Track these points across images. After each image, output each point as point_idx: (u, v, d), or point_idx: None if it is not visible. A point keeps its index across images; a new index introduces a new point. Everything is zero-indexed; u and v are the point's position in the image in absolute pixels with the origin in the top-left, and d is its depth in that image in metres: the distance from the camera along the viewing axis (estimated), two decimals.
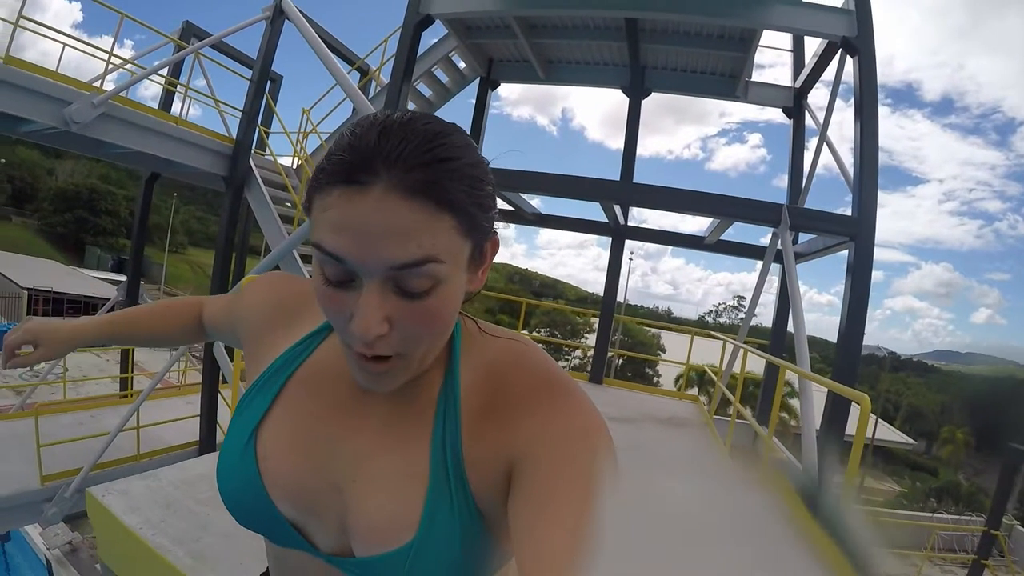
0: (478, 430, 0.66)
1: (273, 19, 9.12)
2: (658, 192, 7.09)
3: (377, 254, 0.55)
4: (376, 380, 0.63)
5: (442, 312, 0.60)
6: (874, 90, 6.09)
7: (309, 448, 0.71)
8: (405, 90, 8.12)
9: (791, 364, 5.03)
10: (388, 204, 0.54)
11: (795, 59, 9.02)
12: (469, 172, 0.58)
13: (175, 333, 1.09)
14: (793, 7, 6.67)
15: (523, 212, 9.64)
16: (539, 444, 0.61)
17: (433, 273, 0.57)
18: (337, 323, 0.61)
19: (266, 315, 0.84)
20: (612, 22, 8.45)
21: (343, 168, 0.55)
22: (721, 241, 9.22)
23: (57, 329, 1.07)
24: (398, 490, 0.66)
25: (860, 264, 5.91)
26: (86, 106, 7.00)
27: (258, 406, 0.75)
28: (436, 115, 0.62)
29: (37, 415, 7.10)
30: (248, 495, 0.72)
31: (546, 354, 0.73)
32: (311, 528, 0.72)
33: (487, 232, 0.63)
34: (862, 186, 5.96)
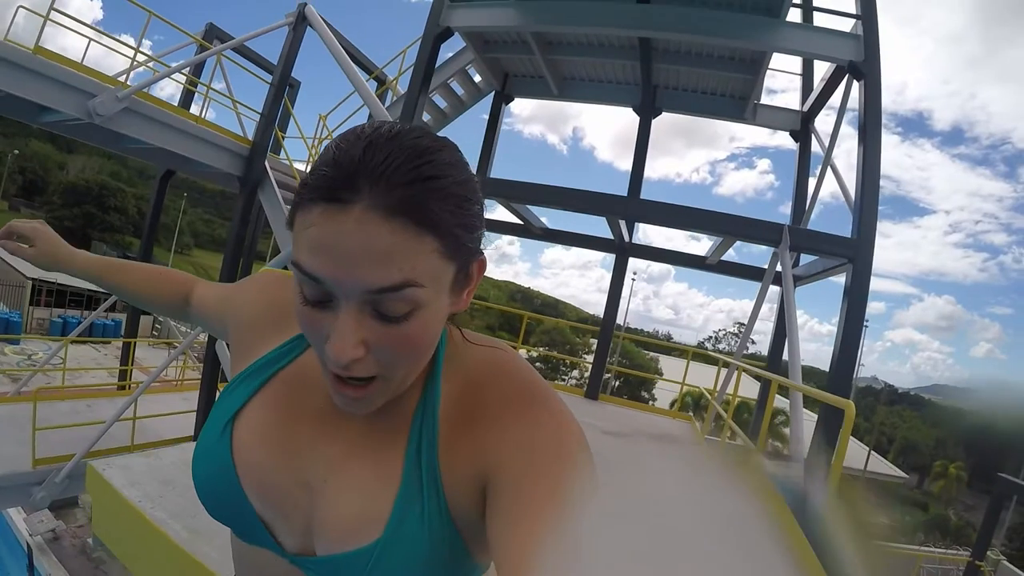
0: (455, 440, 0.66)
1: (296, 25, 9.32)
2: (662, 209, 7.23)
3: (355, 277, 0.54)
4: (352, 404, 0.63)
5: (421, 337, 0.60)
6: (878, 114, 6.25)
7: (284, 445, 0.71)
8: (422, 101, 8.30)
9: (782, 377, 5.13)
10: (368, 225, 0.53)
11: (803, 83, 9.18)
12: (455, 191, 0.57)
13: (159, 302, 1.08)
14: (802, 31, 6.89)
15: (531, 226, 9.78)
16: (510, 455, 0.61)
17: (412, 297, 0.56)
18: (314, 343, 0.61)
19: (260, 311, 0.83)
20: (626, 41, 8.64)
21: (325, 184, 0.54)
22: (723, 262, 9.36)
23: (57, 245, 1.11)
24: (368, 491, 0.66)
25: (857, 286, 6.02)
26: (110, 99, 7.15)
27: (239, 396, 0.75)
28: (427, 129, 0.62)
29: (36, 400, 7.18)
30: (220, 482, 0.72)
31: (526, 363, 0.73)
32: (277, 526, 0.72)
33: (473, 253, 0.62)
34: (863, 209, 6.08)
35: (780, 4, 6.52)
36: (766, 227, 6.67)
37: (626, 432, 6.81)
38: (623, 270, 9.54)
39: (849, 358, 6.09)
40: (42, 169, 51.77)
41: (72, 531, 9.60)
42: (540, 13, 7.53)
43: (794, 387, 4.92)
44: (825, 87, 7.91)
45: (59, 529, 9.34)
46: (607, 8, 7.24)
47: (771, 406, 4.90)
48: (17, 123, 32.29)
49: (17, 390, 9.58)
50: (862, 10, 6.45)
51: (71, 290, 27.58)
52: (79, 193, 48.27)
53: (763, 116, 9.35)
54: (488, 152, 10.73)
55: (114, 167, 53.63)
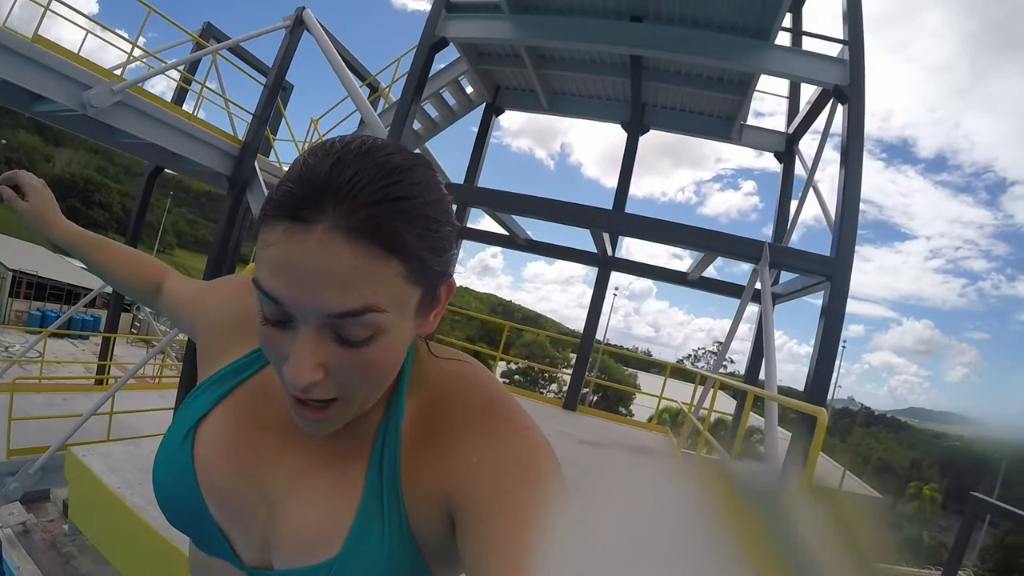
0: (418, 458, 0.65)
1: (293, 28, 9.38)
2: (646, 223, 7.35)
3: (314, 300, 0.53)
4: (311, 425, 0.61)
5: (383, 361, 0.58)
6: (861, 137, 6.42)
7: (246, 457, 0.70)
8: (414, 109, 8.39)
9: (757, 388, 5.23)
10: (330, 247, 0.51)
11: (790, 106, 9.39)
12: (424, 212, 0.56)
13: (130, 283, 1.06)
14: (790, 54, 7.09)
15: (516, 237, 9.85)
16: (478, 476, 0.60)
17: (373, 323, 0.55)
18: (274, 362, 0.60)
19: (229, 317, 0.81)
20: (617, 58, 8.82)
21: (288, 202, 0.53)
22: (703, 278, 9.48)
23: (50, 208, 1.10)
24: (328, 507, 0.65)
25: (835, 304, 6.14)
26: (105, 92, 7.17)
27: (203, 403, 0.74)
28: (401, 146, 0.60)
29: (13, 391, 7.12)
30: (180, 489, 0.70)
31: (489, 375, 0.72)
32: (235, 537, 0.70)
33: (441, 276, 0.61)
34: (842, 228, 6.23)
35: (769, 27, 6.71)
36: (747, 244, 6.79)
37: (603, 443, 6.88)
38: (605, 284, 9.61)
39: (825, 375, 6.19)
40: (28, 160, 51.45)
41: (43, 525, 9.48)
42: (535, 27, 7.67)
43: (769, 396, 5.02)
44: (811, 110, 8.10)
45: (30, 523, 9.22)
46: (600, 25, 7.39)
47: (747, 416, 5.00)
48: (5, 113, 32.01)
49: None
50: (849, 36, 6.64)
51: (51, 283, 27.44)
52: (64, 186, 48.04)
53: (749, 137, 9.56)
54: (476, 163, 10.85)
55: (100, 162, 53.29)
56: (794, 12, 8.71)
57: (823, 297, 6.37)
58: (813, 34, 7.54)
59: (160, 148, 8.45)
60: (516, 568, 0.50)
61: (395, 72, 10.76)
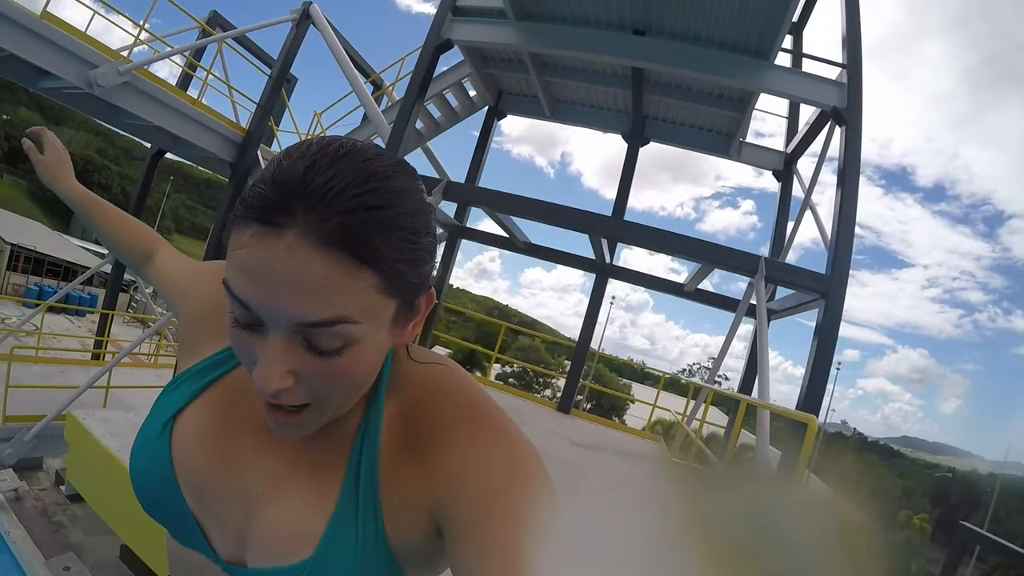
0: (397, 463, 0.65)
1: (299, 22, 9.47)
2: (644, 231, 7.38)
3: (282, 308, 0.52)
4: (284, 428, 0.61)
5: (355, 371, 0.57)
6: (857, 158, 6.47)
7: (224, 453, 0.69)
8: (417, 108, 8.40)
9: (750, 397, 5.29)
10: (300, 254, 0.50)
11: (789, 126, 9.46)
12: (402, 223, 0.54)
13: (121, 248, 1.08)
14: (789, 74, 7.16)
15: (515, 239, 9.92)
16: (461, 482, 0.59)
17: (344, 333, 0.53)
18: (245, 364, 0.59)
19: (212, 306, 0.79)
20: (620, 70, 8.90)
21: (259, 204, 0.51)
22: (699, 290, 9.54)
23: (63, 165, 1.14)
24: (303, 509, 0.64)
25: (828, 322, 6.18)
26: (112, 72, 7.26)
27: (181, 395, 0.73)
28: (381, 150, 0.59)
29: (11, 360, 7.16)
30: (157, 479, 0.70)
31: (469, 379, 0.71)
32: (212, 531, 0.69)
33: (418, 288, 0.60)
34: (837, 246, 6.28)
35: (770, 47, 6.78)
36: (743, 257, 6.83)
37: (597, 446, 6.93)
38: (602, 290, 9.67)
39: (817, 394, 6.18)
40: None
41: (35, 493, 9.49)
42: (539, 35, 7.70)
43: (760, 404, 5.09)
44: (809, 131, 8.17)
45: (21, 490, 9.22)
46: (604, 36, 7.44)
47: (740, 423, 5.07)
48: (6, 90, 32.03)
49: None
50: (848, 59, 6.71)
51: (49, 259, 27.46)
52: None
53: (748, 154, 9.63)
54: (478, 164, 10.93)
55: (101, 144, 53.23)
56: (795, 34, 8.84)
57: (817, 315, 6.41)
58: (813, 56, 7.64)
59: (163, 131, 8.52)
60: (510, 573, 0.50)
61: (399, 71, 10.84)
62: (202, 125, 8.84)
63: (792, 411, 4.16)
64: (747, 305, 7.27)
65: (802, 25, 8.95)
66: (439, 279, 10.56)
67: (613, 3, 7.20)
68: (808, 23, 9.07)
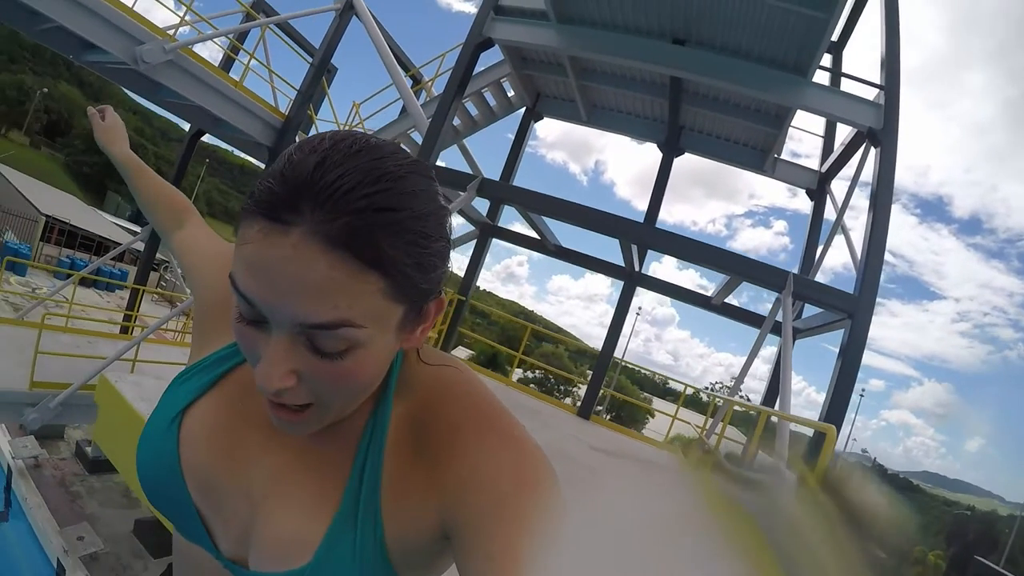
0: (403, 468, 0.64)
1: (343, 12, 9.57)
2: (674, 239, 7.42)
3: (286, 308, 0.51)
4: (287, 426, 0.60)
5: (358, 375, 0.56)
6: (891, 180, 6.44)
7: (231, 450, 0.69)
8: (456, 104, 8.48)
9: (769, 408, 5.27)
10: (306, 253, 0.49)
11: (824, 145, 9.44)
12: (412, 226, 0.53)
13: (152, 210, 1.09)
14: (827, 92, 7.14)
15: (546, 241, 9.98)
16: (469, 488, 0.59)
17: (348, 337, 0.52)
18: (249, 360, 0.58)
19: (223, 296, 0.78)
20: (658, 78, 8.93)
21: (267, 199, 0.51)
22: (726, 304, 9.56)
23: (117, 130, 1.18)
24: (304, 513, 0.64)
25: (854, 344, 6.14)
26: (157, 49, 7.39)
27: (192, 387, 0.73)
28: (398, 148, 0.57)
29: (41, 328, 7.25)
30: (163, 472, 0.69)
31: (479, 381, 0.70)
32: (216, 527, 0.69)
33: (428, 293, 0.58)
34: (867, 267, 6.24)
35: (808, 65, 6.79)
36: (772, 272, 6.82)
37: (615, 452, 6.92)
38: (629, 298, 9.69)
39: (838, 415, 6.10)
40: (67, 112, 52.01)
41: (54, 462, 9.70)
42: (579, 38, 7.77)
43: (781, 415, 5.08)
44: (844, 151, 8.13)
45: (41, 458, 9.37)
46: (644, 44, 7.50)
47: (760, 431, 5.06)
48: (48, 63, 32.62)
49: (23, 315, 9.62)
50: (886, 81, 6.67)
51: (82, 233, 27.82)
52: None
53: (782, 171, 9.63)
54: (512, 165, 11.06)
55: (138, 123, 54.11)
56: (834, 53, 8.84)
57: (843, 336, 6.36)
58: (851, 76, 7.58)
59: (204, 112, 8.64)
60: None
61: (439, 67, 10.96)
62: (243, 108, 8.96)
63: (811, 421, 4.15)
64: (772, 321, 7.23)
65: (842, 44, 8.95)
66: (467, 276, 10.64)
67: (654, 11, 7.25)
68: (848, 42, 9.04)
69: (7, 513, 8.16)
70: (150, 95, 8.96)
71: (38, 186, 30.87)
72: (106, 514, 8.31)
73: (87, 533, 7.54)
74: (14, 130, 47.30)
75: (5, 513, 8.18)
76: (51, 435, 10.45)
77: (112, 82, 9.26)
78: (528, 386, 29.08)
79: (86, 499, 8.94)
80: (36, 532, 7.54)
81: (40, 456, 9.35)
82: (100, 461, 9.36)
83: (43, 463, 9.36)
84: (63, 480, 9.33)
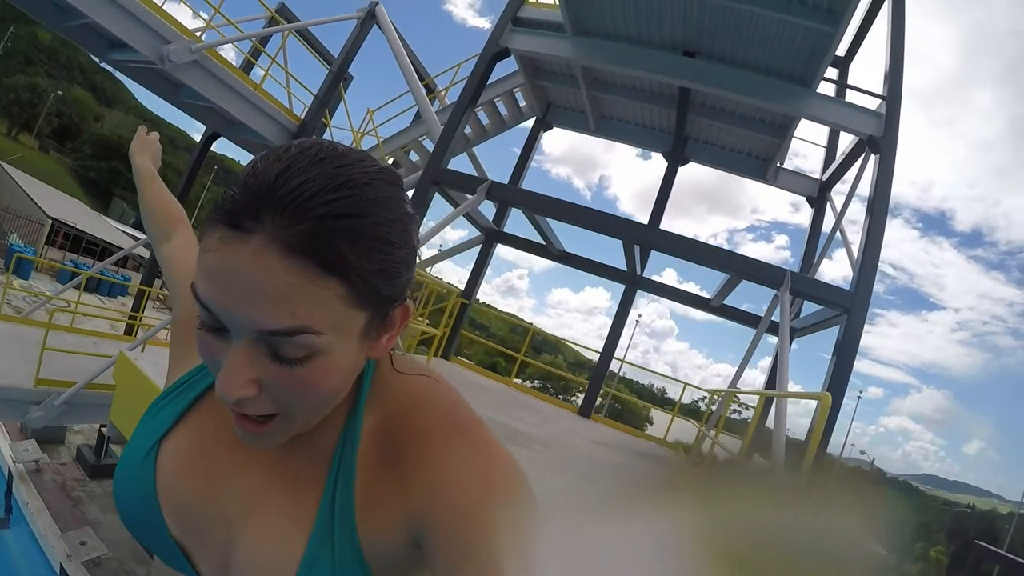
0: (374, 482, 0.63)
1: (364, 20, 9.86)
2: (676, 239, 7.69)
3: (244, 314, 0.51)
4: (251, 439, 0.59)
5: (320, 383, 0.55)
6: (889, 185, 6.73)
7: (205, 474, 0.68)
8: (469, 112, 8.80)
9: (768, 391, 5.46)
10: (264, 260, 0.49)
11: (827, 154, 9.76)
12: (374, 232, 0.53)
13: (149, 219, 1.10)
14: (830, 102, 7.48)
15: (551, 246, 10.23)
16: (438, 496, 0.58)
17: (307, 344, 0.52)
18: (211, 370, 0.57)
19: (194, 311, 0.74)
20: (667, 89, 9.24)
21: (229, 207, 0.51)
22: (725, 306, 9.79)
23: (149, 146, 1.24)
24: (281, 535, 0.63)
25: (849, 338, 6.37)
26: (184, 49, 7.62)
27: (167, 415, 0.72)
28: (366, 155, 0.57)
29: (48, 327, 7.34)
30: (141, 506, 0.69)
31: (452, 390, 0.70)
32: (196, 555, 0.68)
33: (391, 301, 0.58)
34: (863, 265, 6.51)
35: (813, 76, 7.13)
36: (770, 269, 7.08)
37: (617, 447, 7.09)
38: (630, 301, 9.96)
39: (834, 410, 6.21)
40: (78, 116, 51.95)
41: (55, 467, 9.68)
42: (594, 50, 8.09)
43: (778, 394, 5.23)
44: (845, 159, 8.43)
45: (42, 462, 9.33)
46: (656, 56, 7.84)
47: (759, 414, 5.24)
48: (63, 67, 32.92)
49: (29, 312, 9.70)
50: (888, 92, 6.99)
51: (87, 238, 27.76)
52: (110, 147, 47.79)
53: (783, 179, 9.95)
54: (519, 173, 11.33)
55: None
56: (841, 67, 9.16)
57: (838, 332, 6.59)
58: (855, 87, 7.91)
59: (221, 114, 8.86)
60: None
61: (454, 76, 11.26)
62: (260, 110, 9.22)
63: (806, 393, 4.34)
64: (769, 320, 7.46)
65: (849, 59, 9.27)
66: (471, 281, 10.85)
67: (667, 25, 7.59)
68: (856, 57, 9.36)
69: (8, 519, 8.06)
70: (170, 96, 9.18)
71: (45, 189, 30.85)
72: (108, 519, 8.18)
73: (90, 538, 7.49)
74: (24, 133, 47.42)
75: (6, 519, 8.08)
76: (52, 440, 10.41)
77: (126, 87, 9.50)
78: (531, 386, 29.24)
79: (87, 504, 8.82)
80: (38, 538, 7.43)
81: (41, 460, 9.22)
82: (101, 467, 9.36)
83: (44, 468, 9.27)
84: (64, 485, 9.22)
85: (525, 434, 5.55)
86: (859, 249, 6.73)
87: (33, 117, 47.96)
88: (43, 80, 50.02)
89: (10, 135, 45.26)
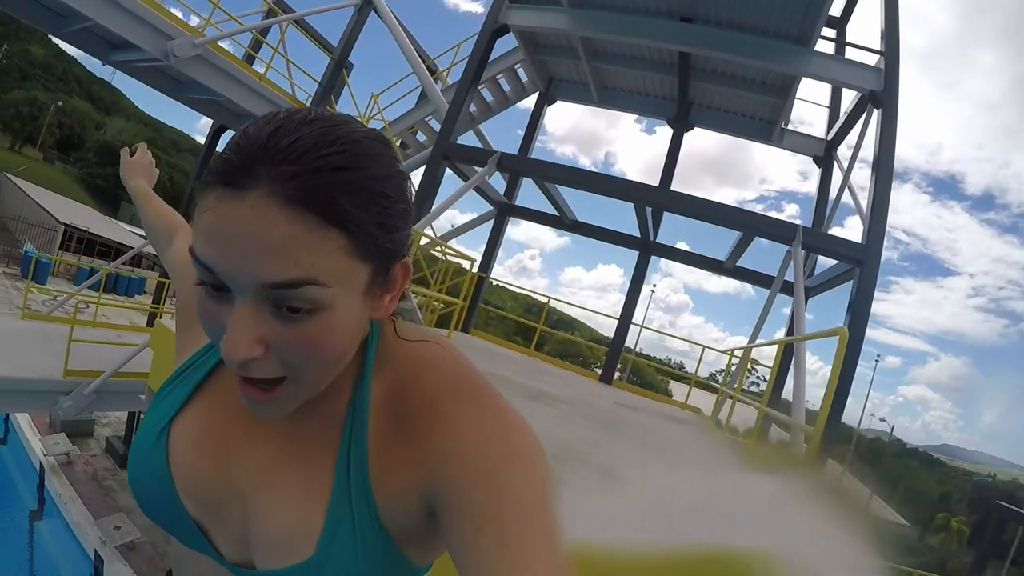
0: (387, 446, 0.63)
1: (361, 7, 9.91)
2: (687, 199, 7.78)
3: (246, 269, 0.50)
4: (258, 407, 0.59)
5: (327, 339, 0.55)
6: (894, 137, 6.78)
7: (217, 450, 0.68)
8: (473, 90, 8.86)
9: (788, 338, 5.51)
10: (263, 212, 0.49)
11: (830, 114, 9.76)
12: (371, 186, 0.53)
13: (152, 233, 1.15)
14: (829, 60, 7.54)
15: (564, 215, 10.30)
16: (453, 462, 0.57)
17: (313, 297, 0.51)
18: (213, 338, 0.56)
19: None
20: (667, 56, 9.27)
21: (223, 168, 0.51)
22: (738, 267, 9.86)
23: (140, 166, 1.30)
24: (298, 505, 0.63)
25: (863, 291, 6.42)
26: (187, 44, 7.71)
27: (176, 397, 0.72)
28: (352, 119, 0.58)
29: (73, 322, 7.52)
30: (155, 488, 0.69)
31: (458, 354, 0.70)
32: (215, 533, 0.68)
33: (393, 255, 0.58)
34: (872, 217, 6.57)
35: (810, 34, 7.17)
36: (782, 225, 7.16)
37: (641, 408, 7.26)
38: (644, 268, 10.05)
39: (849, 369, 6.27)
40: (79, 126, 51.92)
41: (85, 459, 9.92)
42: (591, 21, 8.14)
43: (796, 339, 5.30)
44: (849, 117, 8.45)
45: (73, 454, 9.62)
46: (653, 23, 7.89)
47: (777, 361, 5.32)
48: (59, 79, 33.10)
49: (53, 310, 9.88)
50: (886, 47, 7.02)
51: (100, 240, 27.86)
52: (114, 154, 47.92)
53: (789, 140, 9.96)
54: (526, 150, 11.37)
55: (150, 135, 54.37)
56: (838, 28, 9.21)
57: (852, 287, 6.65)
58: (853, 44, 7.94)
59: (227, 106, 8.95)
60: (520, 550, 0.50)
61: (454, 56, 11.33)
62: (267, 100, 9.30)
63: (823, 332, 4.39)
64: (782, 280, 7.49)
65: (845, 19, 9.26)
66: (486, 256, 10.96)
67: None
68: (852, 17, 9.35)
69: (41, 511, 8.42)
70: (173, 92, 9.32)
71: (54, 197, 30.98)
72: None
73: (123, 523, 7.80)
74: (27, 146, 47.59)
75: (39, 511, 8.44)
76: (81, 433, 10.73)
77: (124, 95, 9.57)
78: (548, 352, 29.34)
79: (119, 492, 9.05)
80: (71, 526, 7.71)
81: (72, 452, 9.62)
82: None
83: (75, 459, 9.58)
84: (95, 475, 9.48)
85: (550, 394, 5.65)
86: (868, 203, 6.78)
87: (35, 130, 47.90)
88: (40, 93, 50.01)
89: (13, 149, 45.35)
